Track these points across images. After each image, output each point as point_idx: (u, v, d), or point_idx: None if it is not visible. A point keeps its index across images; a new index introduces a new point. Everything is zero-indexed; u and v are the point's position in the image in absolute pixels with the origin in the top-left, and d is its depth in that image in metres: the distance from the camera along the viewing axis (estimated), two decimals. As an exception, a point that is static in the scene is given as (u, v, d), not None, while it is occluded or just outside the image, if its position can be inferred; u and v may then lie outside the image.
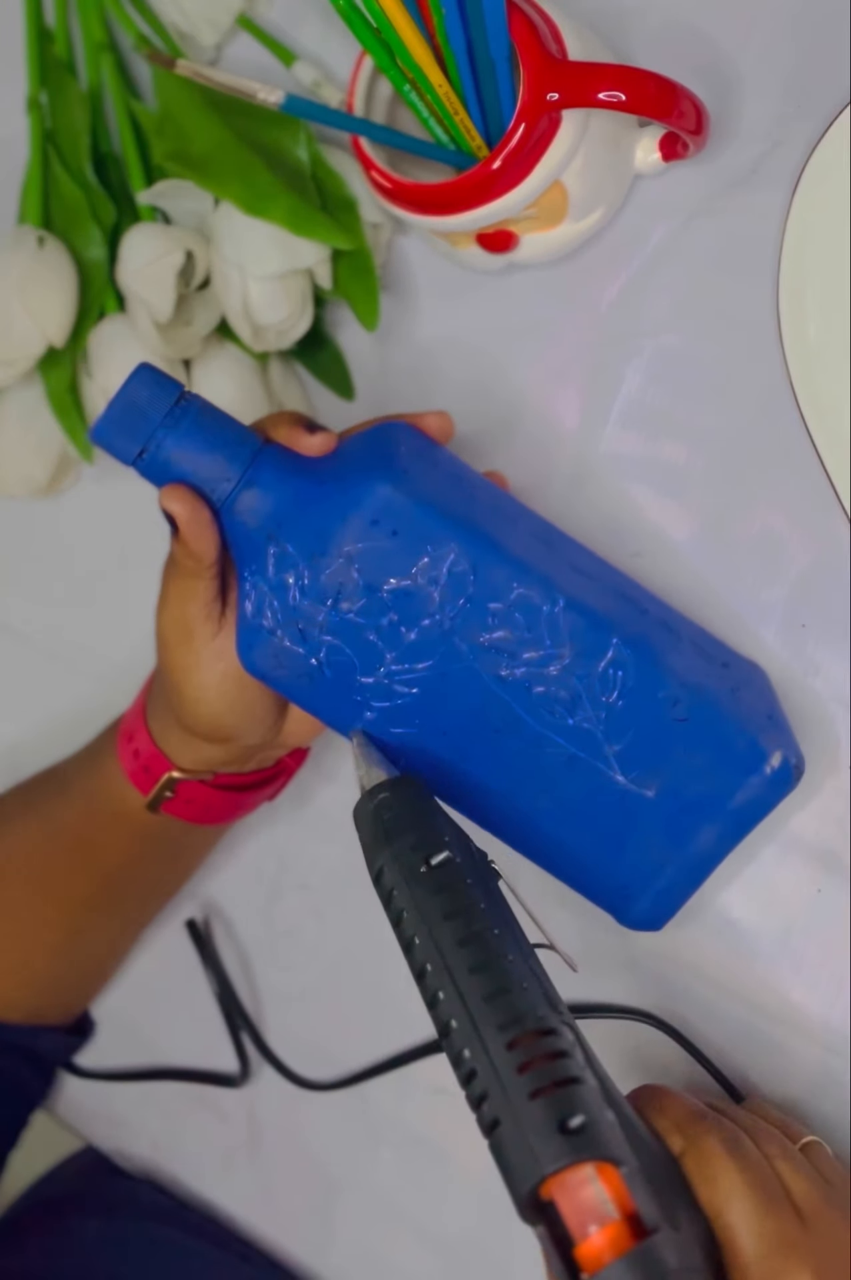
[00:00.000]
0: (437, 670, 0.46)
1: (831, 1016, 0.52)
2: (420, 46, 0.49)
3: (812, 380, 0.50)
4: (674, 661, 0.47)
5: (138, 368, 0.46)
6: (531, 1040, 0.38)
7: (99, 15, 0.62)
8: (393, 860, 0.41)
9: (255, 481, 0.46)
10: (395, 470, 0.45)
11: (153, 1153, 0.66)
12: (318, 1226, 0.62)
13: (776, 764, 0.47)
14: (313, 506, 0.45)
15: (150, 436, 0.45)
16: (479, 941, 0.39)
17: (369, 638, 0.46)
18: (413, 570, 0.45)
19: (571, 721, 0.46)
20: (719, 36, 0.53)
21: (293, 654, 0.46)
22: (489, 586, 0.45)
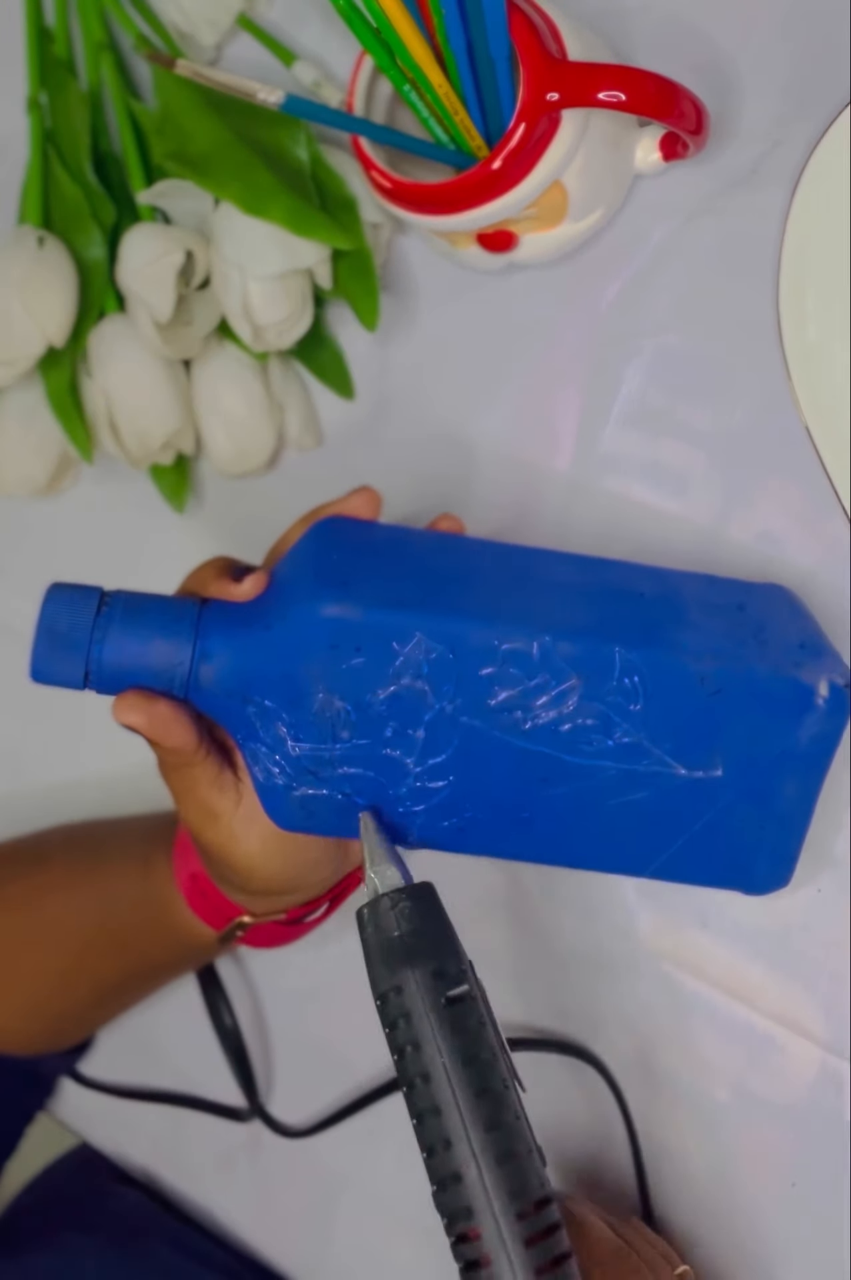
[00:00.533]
0: (461, 753, 0.44)
1: (831, 1016, 0.52)
2: (420, 46, 0.49)
3: (812, 380, 0.50)
4: (685, 639, 0.45)
5: (48, 593, 0.45)
6: (535, 1212, 0.38)
7: (99, 15, 0.62)
8: (416, 984, 0.39)
9: (207, 652, 0.44)
10: (333, 586, 0.44)
11: (152, 1153, 0.66)
12: (317, 1227, 0.62)
13: (825, 693, 0.45)
14: (269, 656, 0.44)
15: (86, 658, 0.44)
16: (494, 1096, 0.38)
17: (383, 753, 0.44)
18: (391, 675, 0.43)
19: (611, 742, 0.45)
20: (719, 36, 0.53)
21: (319, 798, 0.45)
22: (472, 656, 0.43)
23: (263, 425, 0.60)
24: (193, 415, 0.61)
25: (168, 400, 0.59)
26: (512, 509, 0.57)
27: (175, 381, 0.60)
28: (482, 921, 0.57)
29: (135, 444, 0.60)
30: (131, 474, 0.64)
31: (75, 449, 0.61)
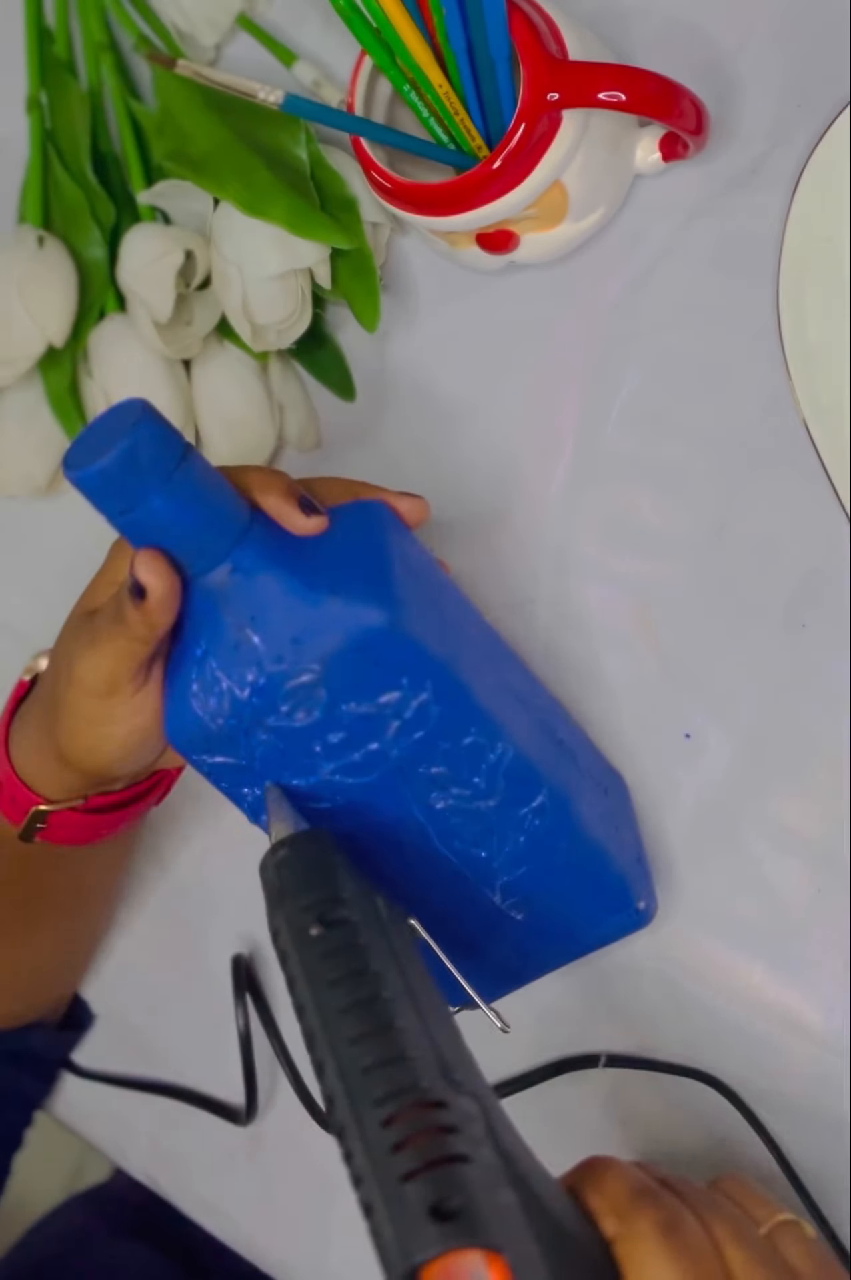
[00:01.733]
0: (366, 789, 0.44)
1: (831, 1016, 0.52)
2: (420, 46, 0.49)
3: (812, 380, 0.50)
4: (583, 812, 0.48)
5: (143, 414, 0.40)
6: (411, 1116, 0.34)
7: (99, 15, 0.63)
8: (285, 922, 0.39)
9: (238, 565, 0.42)
10: (394, 600, 0.42)
11: (153, 1152, 0.66)
12: (318, 1227, 0.62)
13: (640, 909, 0.50)
14: (297, 611, 0.41)
15: (141, 497, 0.40)
16: (364, 1009, 0.36)
17: (313, 747, 0.43)
18: (381, 701, 0.42)
19: (473, 850, 0.47)
20: (719, 36, 0.53)
21: (226, 744, 0.43)
22: (447, 727, 0.43)
23: (263, 425, 0.60)
24: (193, 415, 0.61)
25: (168, 400, 0.59)
26: (513, 509, 0.57)
27: (175, 381, 0.60)
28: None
29: (135, 444, 0.60)
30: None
31: (75, 449, 0.61)
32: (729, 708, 0.53)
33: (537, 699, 0.51)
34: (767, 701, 0.53)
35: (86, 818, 0.50)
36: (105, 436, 0.39)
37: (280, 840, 0.41)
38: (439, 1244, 0.32)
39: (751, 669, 0.53)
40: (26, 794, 0.49)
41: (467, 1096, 0.35)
